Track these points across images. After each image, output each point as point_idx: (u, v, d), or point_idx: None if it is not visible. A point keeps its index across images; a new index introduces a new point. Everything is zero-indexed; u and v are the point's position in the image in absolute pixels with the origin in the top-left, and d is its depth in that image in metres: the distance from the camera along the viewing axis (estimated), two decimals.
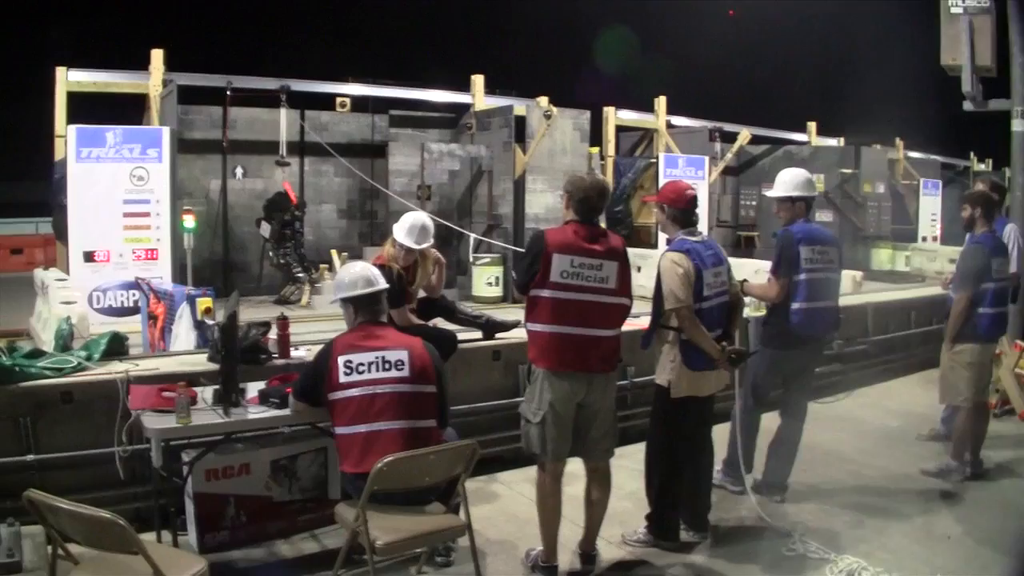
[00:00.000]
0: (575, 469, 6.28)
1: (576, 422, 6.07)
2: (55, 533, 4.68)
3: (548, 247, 5.86)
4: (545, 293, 5.87)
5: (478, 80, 19.15)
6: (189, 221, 14.15)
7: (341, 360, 5.64)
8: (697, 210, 6.79)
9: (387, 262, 7.59)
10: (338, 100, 19.02)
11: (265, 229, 16.38)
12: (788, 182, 7.57)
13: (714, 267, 6.48)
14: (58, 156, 15.19)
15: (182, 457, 6.37)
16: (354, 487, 5.51)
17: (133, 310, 13.58)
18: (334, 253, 16.77)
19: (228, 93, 17.46)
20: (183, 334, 9.10)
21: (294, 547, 6.76)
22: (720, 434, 7.37)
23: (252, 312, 13.47)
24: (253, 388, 6.35)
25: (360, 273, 6.00)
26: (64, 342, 7.81)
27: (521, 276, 6.05)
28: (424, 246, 7.82)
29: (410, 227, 7.76)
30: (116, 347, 7.62)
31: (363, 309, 5.95)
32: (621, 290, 6.02)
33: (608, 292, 5.96)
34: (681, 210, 6.58)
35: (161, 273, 13.78)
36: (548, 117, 16.94)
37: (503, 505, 7.50)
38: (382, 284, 6.02)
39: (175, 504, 6.46)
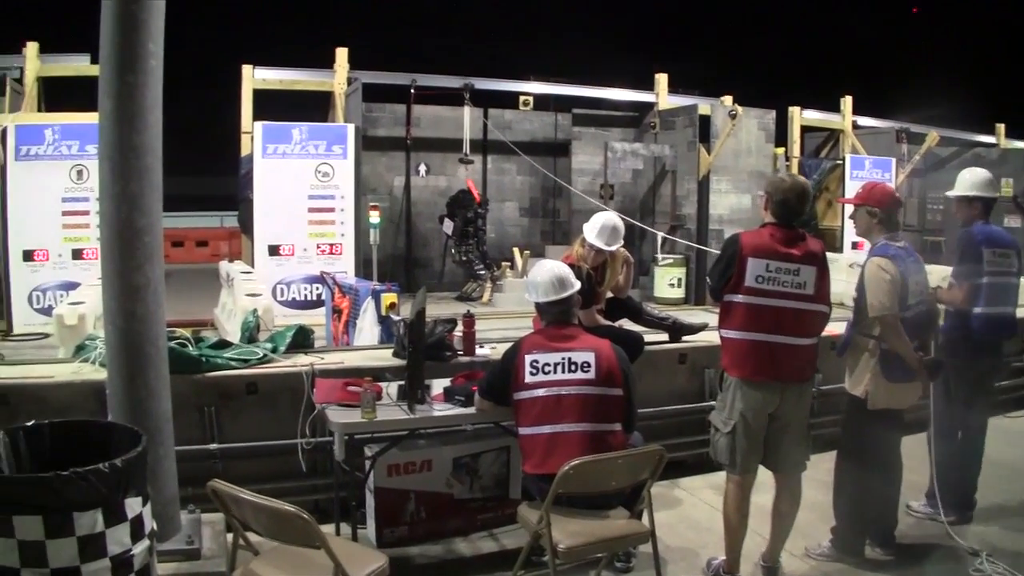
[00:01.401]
0: (762, 478, 6.07)
1: (767, 433, 5.86)
2: (237, 523, 4.70)
3: (743, 250, 5.68)
4: (739, 298, 5.69)
5: (662, 79, 18.95)
6: (374, 217, 14.28)
7: (528, 359, 5.56)
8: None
9: (576, 262, 7.46)
10: (521, 98, 18.98)
11: (448, 226, 16.49)
12: (967, 181, 7.25)
13: (916, 274, 6.20)
14: (244, 152, 15.53)
15: (364, 451, 6.37)
16: (537, 488, 5.43)
17: (316, 303, 13.83)
18: (516, 251, 16.77)
19: (412, 91, 17.67)
20: (367, 328, 9.14)
21: (472, 545, 6.71)
22: (915, 454, 7.04)
23: (433, 308, 13.54)
24: (437, 385, 6.31)
25: (552, 275, 5.89)
26: (250, 334, 7.89)
27: (715, 280, 5.88)
28: (614, 248, 7.67)
29: (601, 227, 7.61)
30: (301, 340, 7.66)
31: (552, 310, 5.85)
32: (819, 297, 5.78)
33: (805, 298, 5.72)
34: (888, 213, 6.30)
35: (344, 268, 13.96)
36: (733, 116, 16.64)
37: (684, 511, 7.33)
38: (573, 287, 5.91)
39: (355, 497, 6.45)
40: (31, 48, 15.86)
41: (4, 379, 7.03)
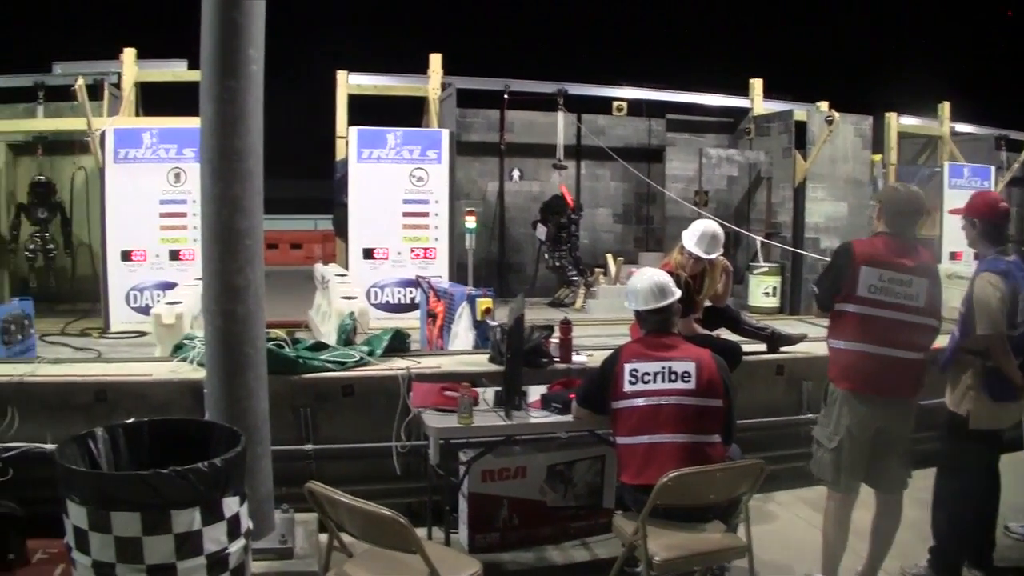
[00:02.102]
0: (861, 494, 5.96)
1: (871, 450, 5.75)
2: (332, 525, 4.75)
3: (856, 259, 5.60)
4: (850, 308, 5.61)
5: (756, 84, 18.71)
6: (470, 222, 14.28)
7: (627, 368, 5.52)
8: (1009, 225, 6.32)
9: (675, 269, 7.39)
10: (614, 104, 18.88)
11: (541, 231, 16.44)
12: None
13: None
14: (339, 156, 15.64)
15: (459, 456, 6.36)
16: (633, 499, 5.41)
17: (409, 307, 13.87)
18: (609, 257, 16.64)
19: (505, 96, 17.62)
20: (462, 333, 9.13)
21: (564, 554, 6.70)
22: (1013, 473, 6.83)
23: (526, 314, 13.51)
24: (533, 392, 6.28)
25: (652, 283, 5.83)
26: (347, 336, 7.95)
27: (825, 289, 5.81)
28: (713, 256, 7.59)
29: (700, 235, 7.54)
30: (397, 344, 7.70)
31: (652, 319, 5.78)
32: (929, 310, 5.67)
33: (916, 311, 5.62)
34: (995, 225, 6.11)
35: (438, 272, 13.98)
36: (830, 122, 16.34)
37: (779, 526, 7.25)
38: (673, 296, 5.84)
39: (448, 502, 6.45)
40: (128, 54, 16.15)
41: (103, 376, 7.19)
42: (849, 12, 33.68)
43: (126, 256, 14.06)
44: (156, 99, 16.65)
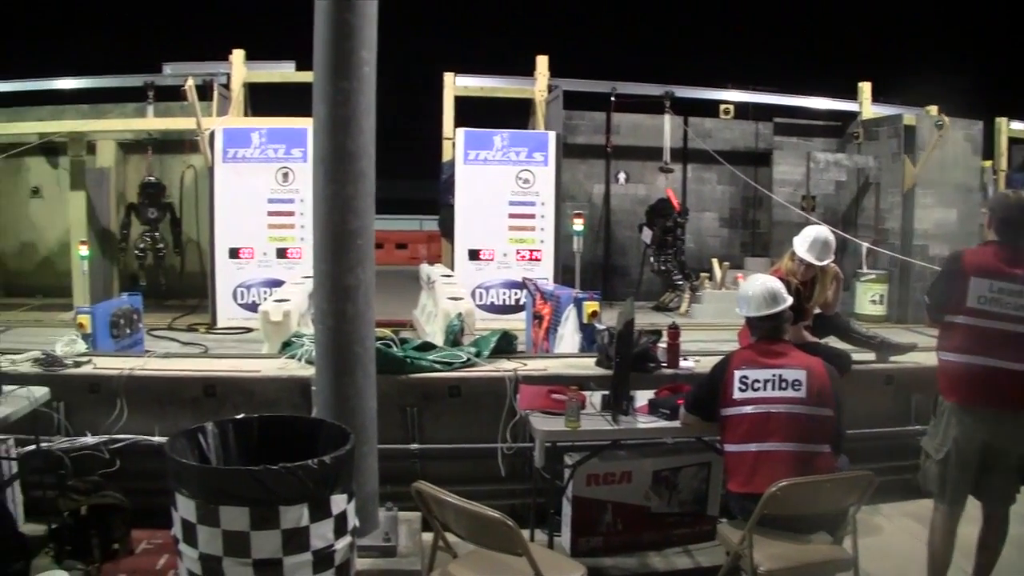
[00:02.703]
0: (968, 508, 5.81)
1: (980, 463, 5.60)
2: (438, 524, 4.75)
3: (966, 269, 5.46)
4: (960, 319, 5.47)
5: (865, 87, 18.45)
6: (578, 224, 14.26)
7: (737, 375, 5.44)
8: None
9: (785, 276, 7.28)
10: (721, 106, 18.73)
11: (647, 235, 16.39)
12: None
13: None
14: (446, 158, 15.74)
15: (564, 459, 6.31)
16: (740, 507, 5.34)
17: (513, 308, 13.92)
18: (715, 262, 16.51)
19: (612, 99, 17.60)
20: (568, 336, 9.10)
21: (667, 560, 6.61)
22: None
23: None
24: (640, 396, 6.22)
25: (764, 289, 5.75)
26: (454, 337, 7.97)
27: (935, 299, 5.68)
28: (825, 262, 7.47)
29: (812, 242, 7.42)
30: (504, 345, 7.68)
31: (763, 325, 5.70)
32: None
33: None
34: None
35: (543, 274, 13.98)
36: (940, 127, 16.01)
37: (885, 539, 7.09)
38: (785, 303, 5.75)
39: (552, 505, 6.42)
40: (237, 55, 16.52)
41: (212, 371, 7.29)
42: (959, 16, 33.07)
43: (234, 254, 14.37)
44: (264, 99, 16.93)
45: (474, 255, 14.65)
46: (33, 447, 6.52)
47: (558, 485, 6.37)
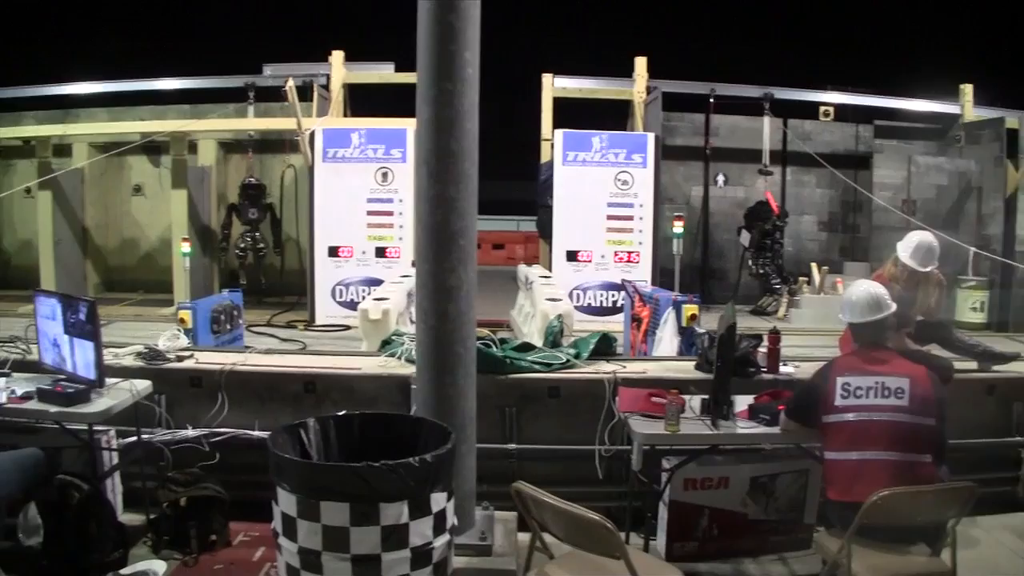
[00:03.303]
0: None
1: None
2: (536, 525, 4.74)
3: None
4: None
5: (967, 89, 18.08)
6: (678, 227, 14.20)
7: (839, 382, 5.36)
8: None
9: (888, 281, 7.18)
10: (821, 108, 18.52)
11: (745, 238, 16.26)
12: None
13: None
14: (544, 159, 15.75)
15: (662, 463, 6.28)
16: (838, 516, 5.26)
17: (611, 310, 13.90)
18: (814, 266, 16.29)
19: (711, 100, 17.50)
20: (667, 339, 9.07)
21: (761, 567, 6.55)
22: None
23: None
24: (739, 401, 6.16)
25: (868, 295, 5.67)
26: (554, 338, 7.96)
27: None
28: (929, 268, 7.35)
29: (916, 247, 7.32)
30: (604, 348, 7.65)
31: (866, 331, 5.62)
32: None
33: None
34: None
35: (641, 276, 13.93)
36: None
37: (982, 553, 6.92)
38: (888, 309, 5.66)
39: (649, 508, 6.39)
40: (336, 57, 16.71)
41: (313, 367, 7.36)
42: None
43: (333, 252, 14.55)
44: (363, 100, 17.09)
45: (572, 256, 14.63)
46: (134, 439, 6.65)
47: (655, 489, 6.35)
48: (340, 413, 5.27)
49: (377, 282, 13.83)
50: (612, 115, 17.51)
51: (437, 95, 5.46)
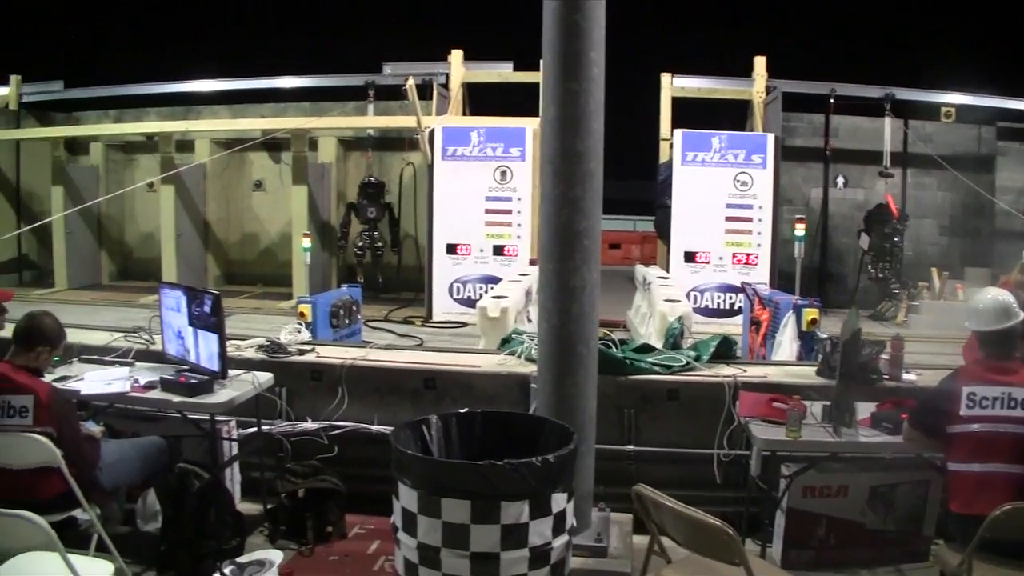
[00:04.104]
0: None
1: None
2: (655, 528, 4.73)
3: None
4: None
5: None
6: (799, 229, 14.06)
7: (965, 391, 5.23)
8: None
9: (1014, 289, 7.01)
10: (942, 109, 18.15)
11: (864, 241, 15.99)
12: None
13: None
14: (663, 159, 15.70)
15: (781, 470, 6.22)
16: (959, 529, 5.13)
17: (728, 312, 13.83)
18: (934, 272, 15.95)
19: (831, 100, 17.26)
20: (786, 343, 8.97)
21: None
22: None
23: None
24: (861, 409, 6.07)
25: (995, 303, 5.54)
26: (674, 340, 7.92)
27: None
28: None
29: None
30: (724, 351, 7.59)
31: (993, 340, 5.49)
32: None
33: None
34: None
35: (759, 278, 13.82)
36: None
37: None
38: (1017, 318, 5.52)
39: (766, 515, 6.34)
40: (456, 56, 16.86)
41: (433, 364, 7.42)
42: None
43: (451, 249, 14.67)
44: (481, 99, 17.20)
45: (690, 257, 14.56)
46: (254, 429, 6.79)
47: (772, 495, 6.29)
48: (462, 411, 5.31)
49: (494, 280, 13.91)
50: (728, 115, 17.41)
51: (563, 95, 5.47)
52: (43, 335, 5.64)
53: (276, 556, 5.92)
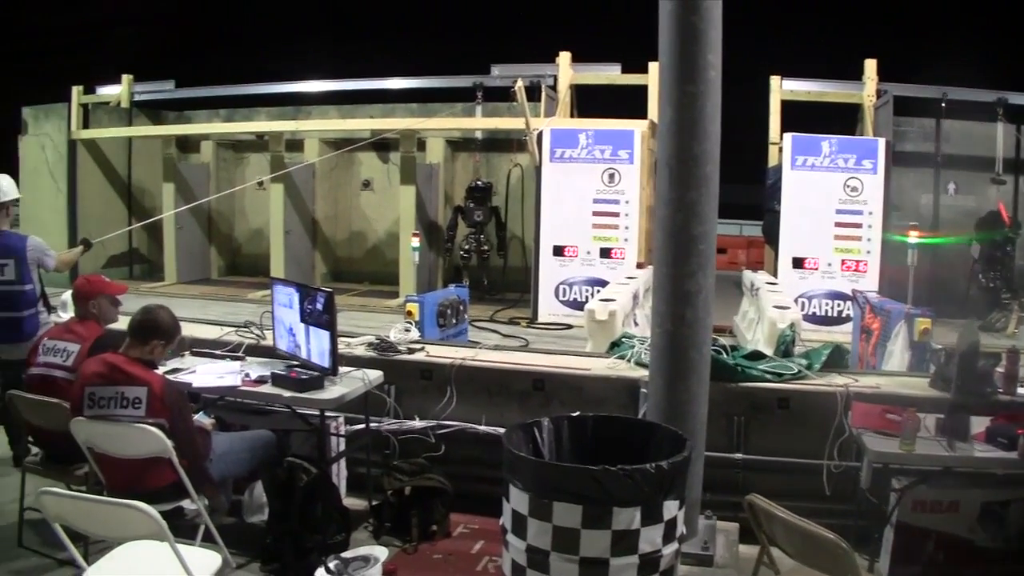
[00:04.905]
0: None
1: None
2: (765, 539, 4.68)
3: None
4: None
5: None
6: (913, 237, 13.86)
7: None
8: None
9: None
10: None
11: (975, 249, 15.68)
12: None
13: None
14: (771, 163, 15.58)
15: (891, 483, 6.13)
16: None
17: (836, 320, 13.69)
18: None
19: (942, 105, 16.96)
20: (898, 353, 8.83)
21: None
22: None
23: (951, 336, 12.98)
24: (974, 423, 5.95)
25: None
26: (786, 348, 7.83)
27: None
28: None
29: None
30: (836, 359, 7.46)
31: None
32: None
33: None
34: None
35: (868, 285, 13.65)
36: None
37: None
38: None
39: (874, 528, 6.25)
40: (564, 58, 16.89)
41: (542, 366, 7.41)
42: None
43: (558, 251, 14.72)
44: (588, 100, 17.20)
45: (798, 263, 14.42)
46: (362, 426, 6.83)
47: (881, 508, 6.20)
48: (574, 414, 5.31)
49: (601, 283, 13.92)
50: (837, 119, 17.20)
51: (680, 97, 5.45)
52: (159, 329, 5.73)
53: (381, 552, 5.96)
